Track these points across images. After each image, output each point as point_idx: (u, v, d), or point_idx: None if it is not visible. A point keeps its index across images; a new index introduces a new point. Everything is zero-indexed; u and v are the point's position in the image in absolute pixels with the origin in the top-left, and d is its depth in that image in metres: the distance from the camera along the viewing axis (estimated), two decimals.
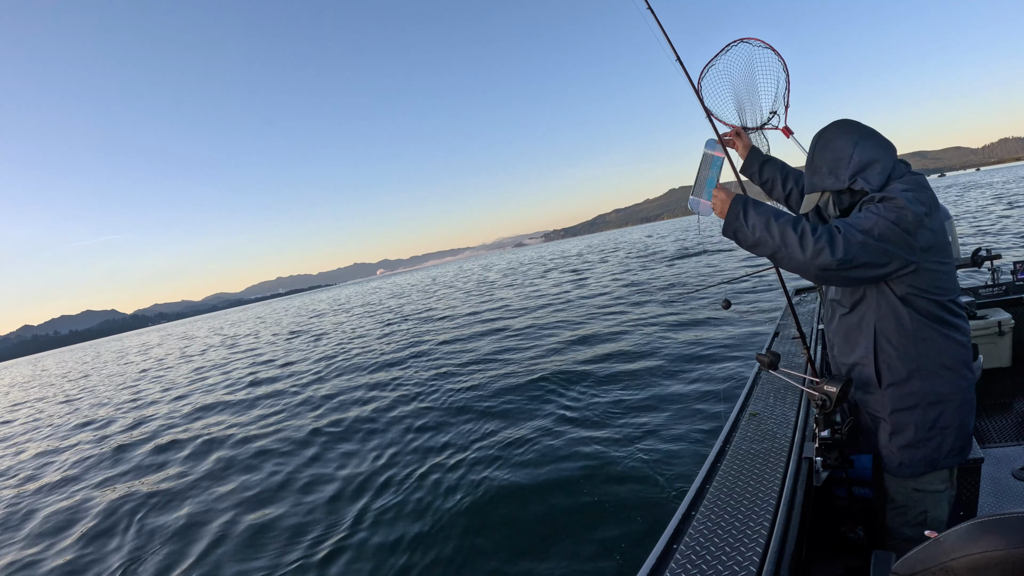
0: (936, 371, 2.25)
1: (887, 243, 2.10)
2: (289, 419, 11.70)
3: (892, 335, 2.29)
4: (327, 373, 16.18)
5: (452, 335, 18.66)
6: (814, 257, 2.14)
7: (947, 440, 2.28)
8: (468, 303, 30.26)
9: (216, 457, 9.95)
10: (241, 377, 18.84)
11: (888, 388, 2.34)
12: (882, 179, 2.28)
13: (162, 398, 18.00)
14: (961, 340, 2.26)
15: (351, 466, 8.16)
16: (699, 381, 9.14)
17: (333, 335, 26.82)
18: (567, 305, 21.27)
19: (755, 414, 3.25)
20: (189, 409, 15.11)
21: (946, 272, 2.22)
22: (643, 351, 11.74)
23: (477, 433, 8.49)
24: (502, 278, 46.39)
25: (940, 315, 2.23)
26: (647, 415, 7.98)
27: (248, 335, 39.39)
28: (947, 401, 2.26)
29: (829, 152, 2.41)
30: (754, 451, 2.79)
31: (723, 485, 2.51)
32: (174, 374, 25.12)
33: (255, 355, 25.33)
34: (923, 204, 2.14)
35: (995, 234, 19.70)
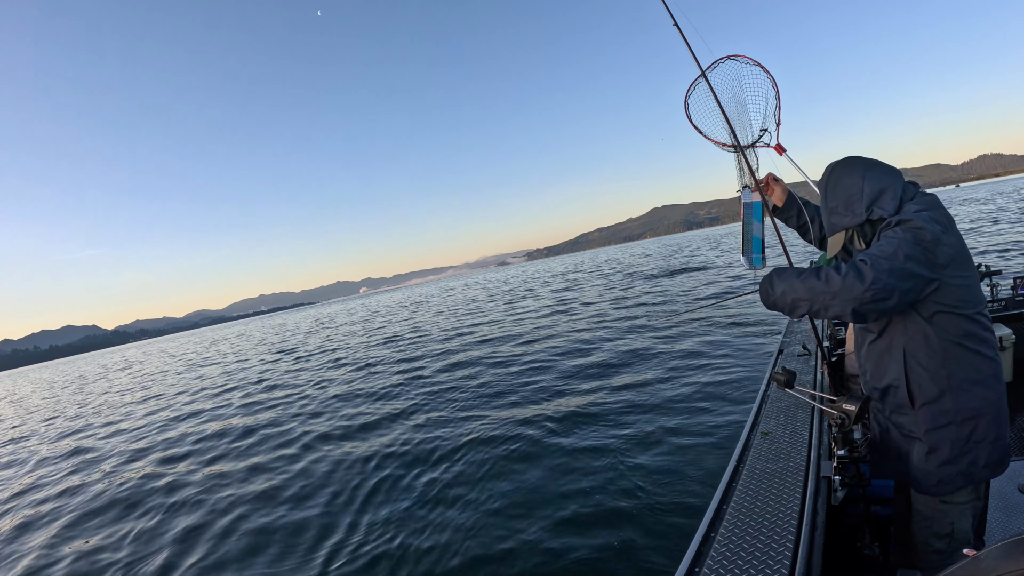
0: (967, 387, 2.27)
1: (912, 263, 2.14)
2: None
3: (921, 356, 2.31)
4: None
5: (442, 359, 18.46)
6: (846, 294, 2.18)
7: (982, 454, 2.29)
8: (455, 321, 30.12)
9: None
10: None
11: (921, 408, 2.36)
12: (896, 203, 2.35)
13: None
14: (989, 353, 2.29)
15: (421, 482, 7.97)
16: (702, 400, 9.10)
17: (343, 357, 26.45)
18: (560, 323, 21.10)
19: (767, 433, 3.20)
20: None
21: (968, 285, 2.26)
22: (640, 375, 11.61)
23: (479, 460, 8.32)
24: (502, 295, 46.22)
25: (967, 329, 2.25)
26: (650, 438, 7.90)
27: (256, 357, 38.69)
28: (980, 415, 2.27)
29: (841, 192, 2.49)
30: (769, 470, 2.74)
31: (741, 506, 2.46)
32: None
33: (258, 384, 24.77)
34: (938, 222, 2.21)
35: (981, 251, 19.82)
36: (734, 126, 3.10)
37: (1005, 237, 23.97)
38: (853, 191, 2.43)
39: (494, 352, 17.15)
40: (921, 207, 2.27)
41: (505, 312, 30.50)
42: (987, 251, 19.68)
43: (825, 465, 2.75)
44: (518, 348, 17.31)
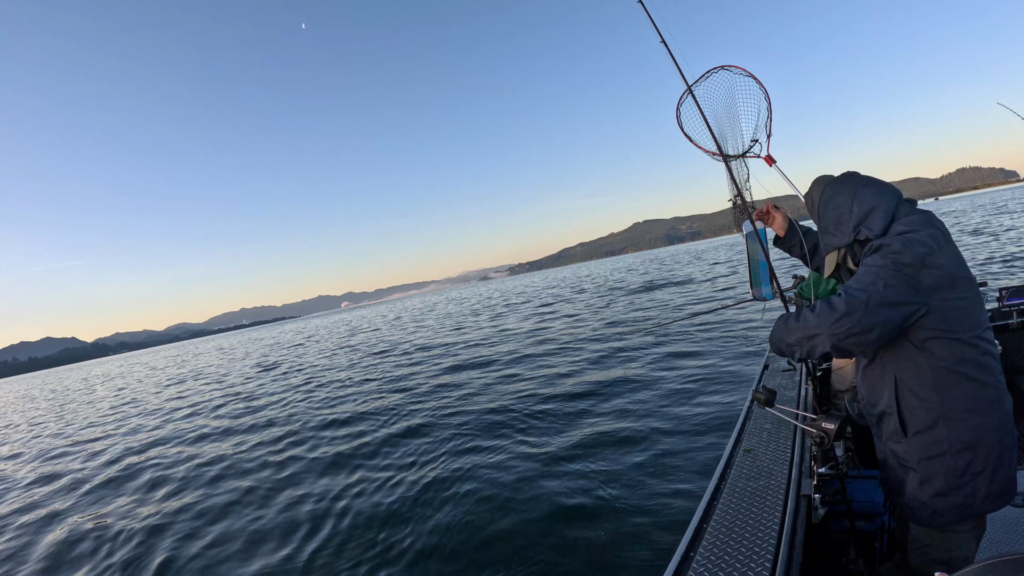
0: (962, 416, 2.18)
1: (893, 290, 2.11)
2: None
3: (913, 384, 2.25)
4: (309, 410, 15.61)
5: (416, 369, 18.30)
6: (822, 330, 2.23)
7: (981, 485, 2.20)
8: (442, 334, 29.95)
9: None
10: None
11: (914, 437, 2.29)
12: (884, 222, 2.30)
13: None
14: (987, 379, 2.19)
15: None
16: (685, 416, 9.05)
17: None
18: (540, 338, 21.01)
19: (749, 450, 3.20)
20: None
21: (964, 307, 2.17)
22: (622, 390, 11.56)
23: (450, 474, 8.24)
24: (487, 310, 46.06)
25: (962, 355, 2.17)
26: (632, 451, 7.88)
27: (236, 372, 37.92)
28: (978, 445, 2.18)
29: (831, 211, 2.48)
30: (751, 489, 2.74)
31: (721, 524, 2.46)
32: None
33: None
34: (922, 244, 2.14)
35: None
36: (726, 136, 3.10)
37: (990, 248, 24.28)
38: (842, 211, 2.42)
39: (475, 367, 17.06)
40: (908, 228, 2.22)
41: (489, 326, 30.37)
42: (976, 263, 19.84)
43: (805, 483, 2.76)
44: (497, 361, 17.30)
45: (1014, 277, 15.74)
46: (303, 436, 12.18)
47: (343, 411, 13.87)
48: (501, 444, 9.09)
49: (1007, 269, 17.84)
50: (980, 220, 44.77)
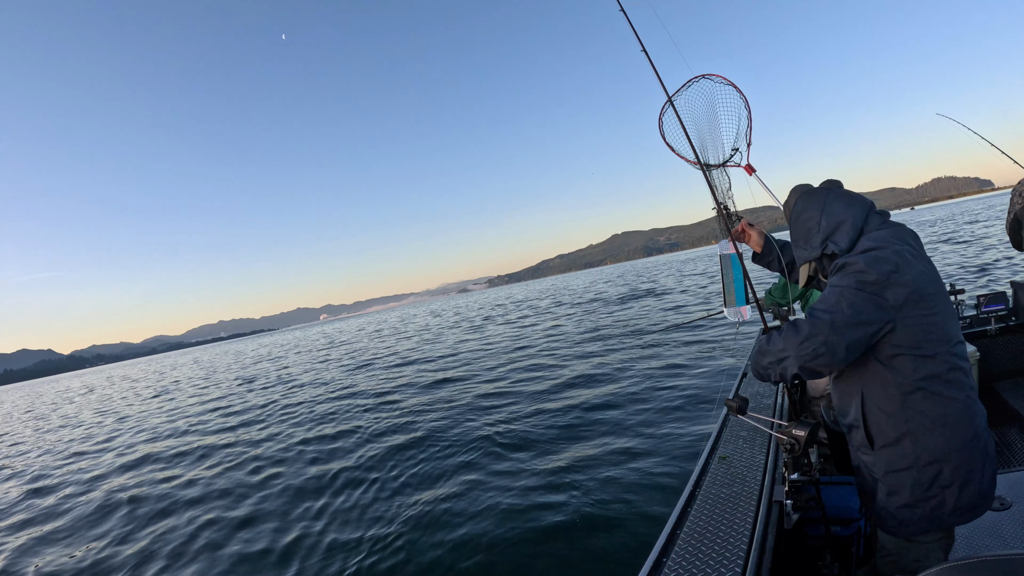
0: (928, 432, 2.17)
1: (857, 310, 2.11)
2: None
3: (879, 399, 2.25)
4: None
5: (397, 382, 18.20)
6: (789, 352, 2.25)
7: (949, 499, 2.19)
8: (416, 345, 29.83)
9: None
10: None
11: (881, 449, 2.28)
12: (851, 237, 2.32)
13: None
14: (955, 395, 2.17)
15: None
16: (665, 423, 9.09)
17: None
18: (520, 349, 21.00)
19: (725, 457, 3.22)
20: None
21: (931, 324, 2.15)
22: (601, 398, 11.58)
23: (428, 485, 8.21)
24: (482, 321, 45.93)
25: (929, 371, 2.15)
26: (610, 461, 7.90)
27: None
28: (945, 460, 2.16)
29: (802, 224, 2.51)
30: (724, 495, 2.76)
31: (694, 531, 2.48)
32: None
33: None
34: (886, 262, 2.14)
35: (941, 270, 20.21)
36: (706, 145, 3.11)
37: (963, 256, 24.63)
38: (811, 224, 2.45)
39: (452, 381, 16.97)
40: (875, 244, 2.22)
41: (466, 339, 30.33)
42: (950, 271, 20.09)
43: (778, 490, 2.80)
44: (476, 374, 17.23)
45: (986, 286, 15.89)
46: (284, 456, 11.99)
47: (323, 430, 13.71)
48: (479, 460, 9.06)
49: (980, 276, 18.08)
50: (954, 229, 45.35)
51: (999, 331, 5.97)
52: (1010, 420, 5.21)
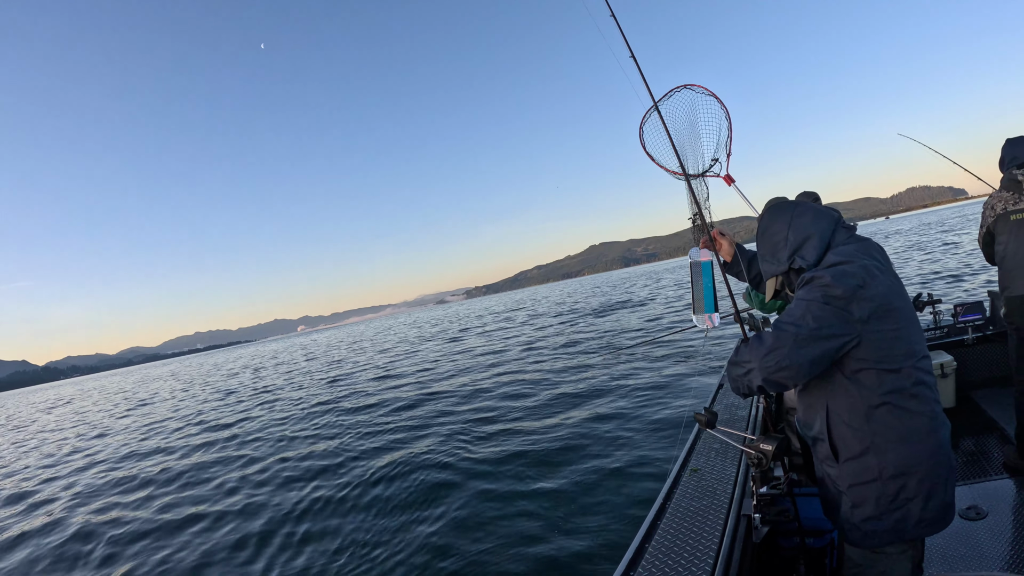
0: (893, 446, 2.17)
1: (822, 324, 2.11)
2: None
3: (843, 413, 2.24)
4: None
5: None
6: (753, 364, 2.25)
7: (913, 511, 2.19)
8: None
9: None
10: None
11: (846, 463, 2.28)
12: (818, 251, 2.33)
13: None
14: (919, 409, 2.17)
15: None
16: (640, 436, 9.09)
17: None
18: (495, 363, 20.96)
19: (696, 470, 3.25)
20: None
21: (896, 338, 2.16)
22: (578, 410, 11.59)
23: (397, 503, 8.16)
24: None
25: (894, 386, 2.15)
26: (584, 474, 7.89)
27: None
28: (909, 473, 2.16)
29: (768, 239, 2.52)
30: (694, 508, 2.79)
31: (662, 544, 2.50)
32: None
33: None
34: (853, 276, 2.14)
35: (909, 278, 20.47)
36: (686, 155, 3.12)
37: (942, 264, 24.97)
38: (778, 239, 2.45)
39: (428, 390, 16.94)
40: (842, 258, 2.21)
41: (443, 352, 30.16)
42: (923, 280, 20.29)
43: (746, 503, 2.82)
44: (449, 387, 17.15)
45: (957, 297, 16.05)
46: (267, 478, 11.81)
47: (300, 447, 13.60)
48: (451, 475, 9.01)
49: (953, 287, 18.29)
50: (928, 238, 45.91)
51: (976, 340, 6.04)
52: (987, 429, 5.25)
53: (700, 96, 3.10)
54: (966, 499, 4.08)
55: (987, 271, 20.24)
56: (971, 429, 5.31)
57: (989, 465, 4.61)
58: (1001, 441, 4.96)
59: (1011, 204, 4.17)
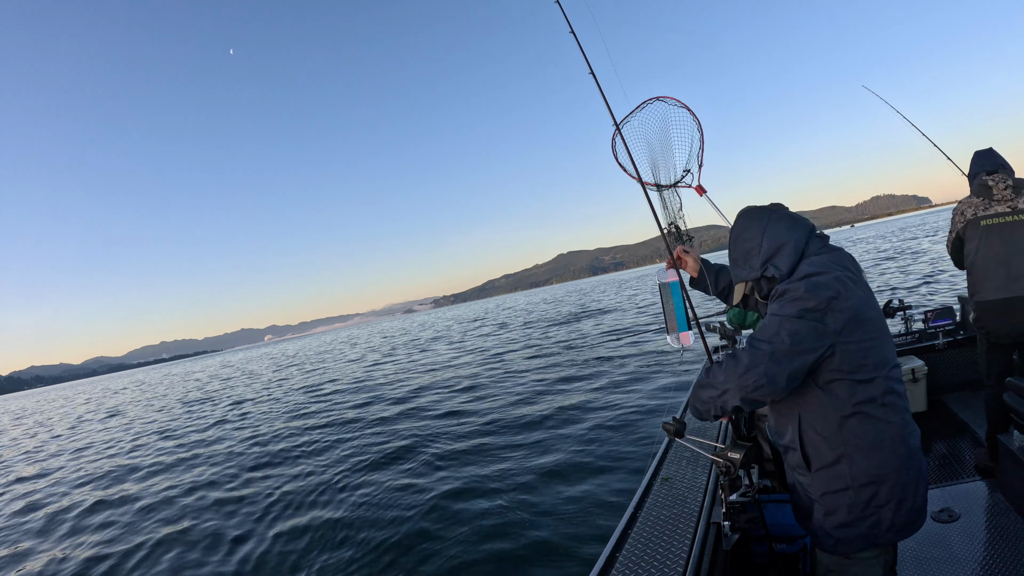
0: (865, 454, 2.18)
1: (797, 338, 2.11)
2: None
3: (816, 423, 2.25)
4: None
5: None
6: (729, 384, 2.23)
7: (885, 517, 2.20)
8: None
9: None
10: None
11: (818, 472, 2.29)
12: (791, 260, 2.31)
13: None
14: (891, 418, 2.18)
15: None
16: (614, 444, 9.07)
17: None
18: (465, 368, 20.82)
19: (667, 479, 3.27)
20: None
21: (869, 348, 2.16)
22: (548, 419, 11.56)
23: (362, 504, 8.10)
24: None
25: (866, 395, 2.16)
26: (556, 484, 7.85)
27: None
28: (881, 481, 2.18)
29: (741, 244, 2.50)
30: (664, 517, 2.82)
31: (632, 553, 2.53)
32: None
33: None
34: (827, 288, 2.13)
35: (890, 287, 20.74)
36: (659, 166, 3.14)
37: (906, 272, 25.33)
38: (751, 245, 2.43)
39: (398, 402, 16.58)
40: (815, 269, 2.21)
41: (413, 360, 29.88)
42: (895, 287, 20.54)
43: (716, 511, 2.81)
44: (423, 397, 16.80)
45: (924, 300, 16.26)
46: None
47: (272, 450, 13.44)
48: (420, 479, 9.01)
49: (917, 290, 18.55)
50: (891, 245, 46.54)
51: (947, 345, 6.13)
52: (959, 432, 5.33)
53: (672, 108, 3.13)
54: (939, 502, 4.12)
55: (949, 277, 20.55)
56: (943, 432, 5.40)
57: (961, 468, 4.67)
58: (972, 444, 5.04)
59: (981, 210, 4.24)
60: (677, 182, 3.16)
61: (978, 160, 4.40)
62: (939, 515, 3.93)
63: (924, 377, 5.72)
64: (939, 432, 5.40)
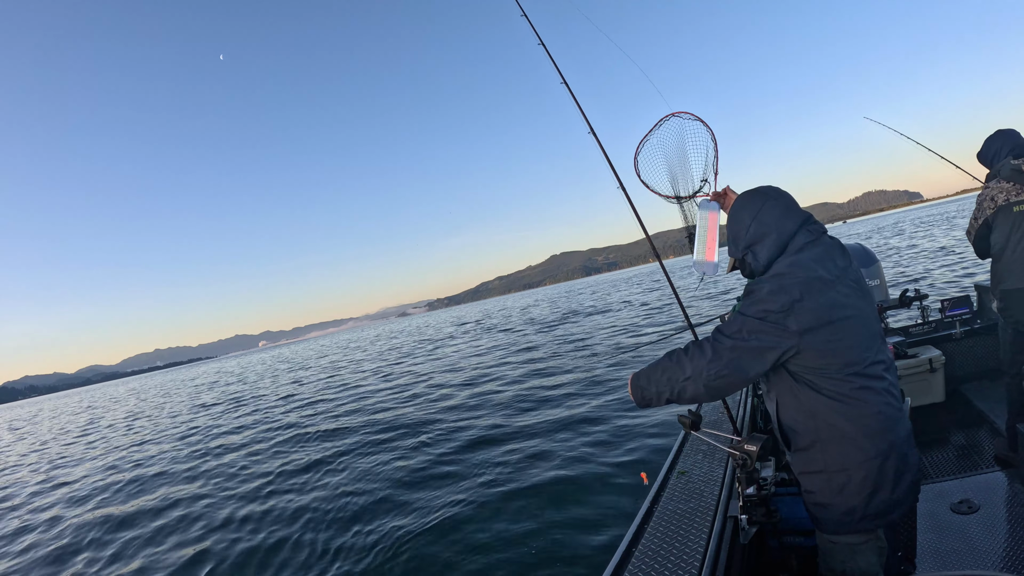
0: (836, 442, 2.24)
1: (758, 337, 2.18)
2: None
3: (791, 408, 2.33)
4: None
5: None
6: (691, 371, 2.26)
7: (858, 506, 2.24)
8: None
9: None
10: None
11: (796, 452, 2.37)
12: (770, 253, 2.37)
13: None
14: (861, 411, 2.21)
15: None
16: (626, 439, 9.10)
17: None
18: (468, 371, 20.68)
19: (684, 472, 3.28)
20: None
21: (839, 348, 2.20)
22: (562, 415, 11.51)
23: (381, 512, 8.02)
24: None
25: (837, 390, 2.21)
26: (569, 486, 7.80)
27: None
28: (852, 470, 2.23)
29: (734, 223, 2.56)
30: (681, 511, 2.83)
31: (649, 547, 2.54)
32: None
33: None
34: (788, 292, 2.18)
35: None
36: (677, 178, 3.25)
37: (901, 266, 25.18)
38: (741, 227, 2.49)
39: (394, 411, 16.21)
40: (787, 270, 2.26)
41: (406, 365, 29.19)
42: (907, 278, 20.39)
43: (733, 504, 2.83)
44: (433, 406, 16.38)
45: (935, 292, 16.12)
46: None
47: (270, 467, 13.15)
48: (423, 495, 8.81)
49: (922, 285, 18.41)
50: (880, 241, 46.46)
51: (964, 334, 6.08)
52: (977, 423, 5.27)
53: (687, 122, 3.22)
54: (958, 493, 4.07)
55: (945, 271, 20.51)
56: (961, 423, 5.35)
57: (980, 459, 4.61)
58: (991, 434, 4.96)
59: (1013, 195, 4.07)
60: (696, 192, 3.26)
61: (1002, 139, 4.22)
62: (958, 507, 3.88)
63: (941, 367, 5.64)
64: (957, 422, 5.35)
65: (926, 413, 5.56)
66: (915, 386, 5.61)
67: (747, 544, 2.82)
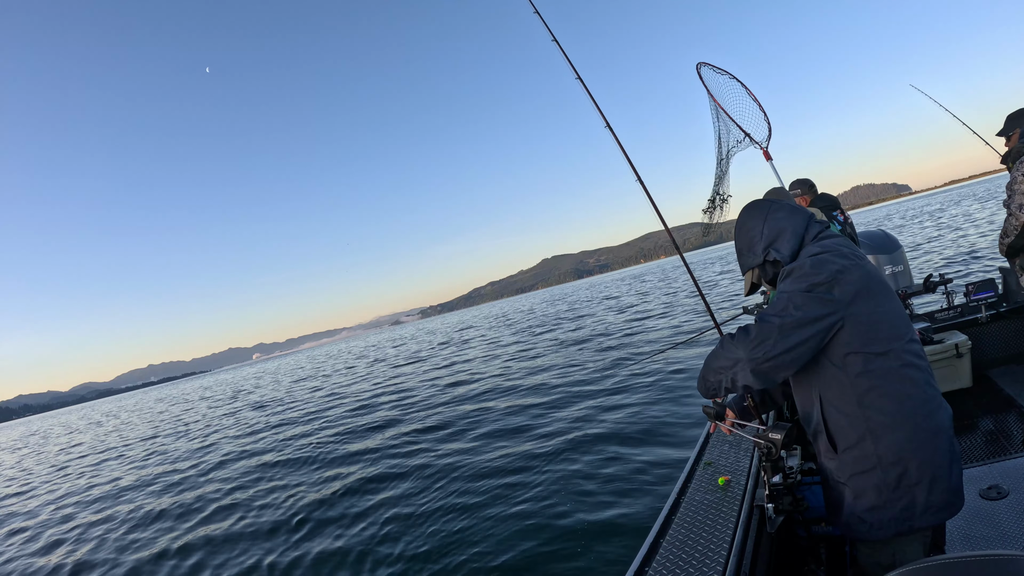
0: (889, 429, 2.15)
1: (804, 310, 2.16)
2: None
3: (837, 401, 2.26)
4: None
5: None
6: (741, 356, 2.24)
7: (919, 498, 2.15)
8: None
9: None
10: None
11: (844, 452, 2.27)
12: (793, 245, 2.45)
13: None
14: (911, 392, 2.17)
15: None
16: (657, 434, 9.22)
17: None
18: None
19: (710, 463, 3.29)
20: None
21: (880, 319, 2.20)
22: (580, 414, 11.64)
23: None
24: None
25: (883, 368, 2.17)
26: (605, 476, 7.91)
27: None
28: (909, 458, 2.14)
29: (744, 234, 2.64)
30: (707, 501, 2.83)
31: (676, 538, 2.55)
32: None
33: None
34: (832, 263, 2.22)
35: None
36: (745, 123, 3.26)
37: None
38: (754, 233, 2.56)
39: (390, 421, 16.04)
40: (818, 250, 2.30)
41: (400, 375, 28.35)
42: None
43: (759, 493, 2.84)
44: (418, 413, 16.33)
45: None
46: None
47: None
48: (457, 481, 9.05)
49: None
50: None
51: (990, 318, 6.03)
52: (1006, 407, 5.18)
53: (741, 90, 3.25)
54: (987, 479, 3.98)
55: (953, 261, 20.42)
56: (989, 408, 5.27)
57: (1009, 443, 4.52)
58: (1020, 418, 4.89)
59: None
60: (766, 140, 3.25)
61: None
62: (987, 492, 3.78)
63: (968, 352, 5.56)
64: (986, 407, 5.28)
65: (953, 399, 5.42)
66: (942, 372, 5.54)
67: (774, 533, 2.85)
